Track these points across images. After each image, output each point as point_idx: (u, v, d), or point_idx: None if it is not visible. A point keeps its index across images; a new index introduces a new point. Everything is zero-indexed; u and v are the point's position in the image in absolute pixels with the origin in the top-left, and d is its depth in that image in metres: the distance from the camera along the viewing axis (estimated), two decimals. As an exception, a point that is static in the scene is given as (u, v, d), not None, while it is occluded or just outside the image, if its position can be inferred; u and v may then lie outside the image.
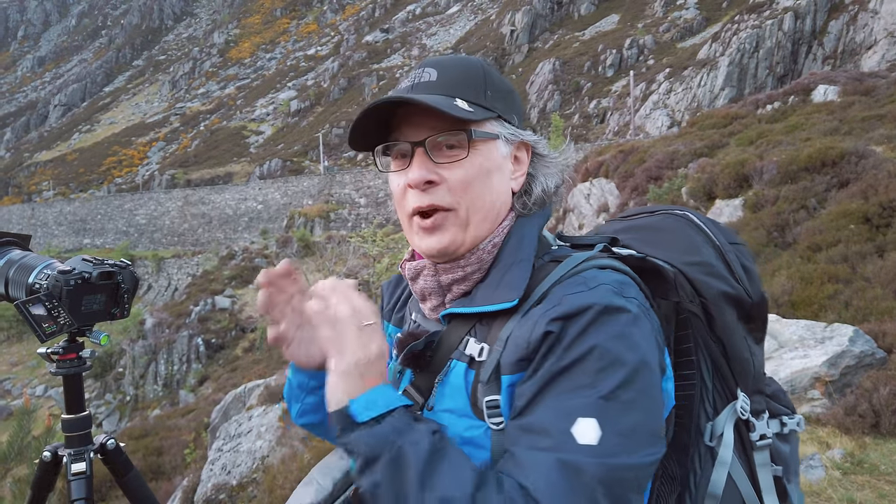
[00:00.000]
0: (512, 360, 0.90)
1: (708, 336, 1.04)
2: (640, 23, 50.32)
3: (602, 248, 1.04)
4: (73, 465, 1.70)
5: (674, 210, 1.19)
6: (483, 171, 1.00)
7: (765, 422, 1.07)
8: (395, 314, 1.22)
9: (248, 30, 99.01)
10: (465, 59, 1.06)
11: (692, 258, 1.07)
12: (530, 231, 1.03)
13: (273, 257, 30.10)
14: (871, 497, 3.46)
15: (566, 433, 0.81)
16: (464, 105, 0.97)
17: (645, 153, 14.76)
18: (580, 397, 0.83)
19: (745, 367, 1.07)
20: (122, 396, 24.91)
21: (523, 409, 0.86)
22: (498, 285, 0.97)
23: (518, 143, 1.05)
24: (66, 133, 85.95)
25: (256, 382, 10.55)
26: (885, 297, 6.10)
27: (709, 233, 1.13)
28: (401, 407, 0.86)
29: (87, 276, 1.68)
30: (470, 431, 0.92)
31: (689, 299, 1.02)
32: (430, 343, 1.00)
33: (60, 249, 50.10)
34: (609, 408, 0.82)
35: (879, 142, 10.36)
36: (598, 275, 0.93)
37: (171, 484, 9.84)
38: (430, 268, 1.03)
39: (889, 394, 4.13)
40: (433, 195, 0.98)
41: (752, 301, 1.09)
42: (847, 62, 28.38)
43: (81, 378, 1.77)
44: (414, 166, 0.99)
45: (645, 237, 1.13)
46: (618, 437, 0.81)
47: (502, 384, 0.90)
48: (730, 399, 1.05)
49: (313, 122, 63.43)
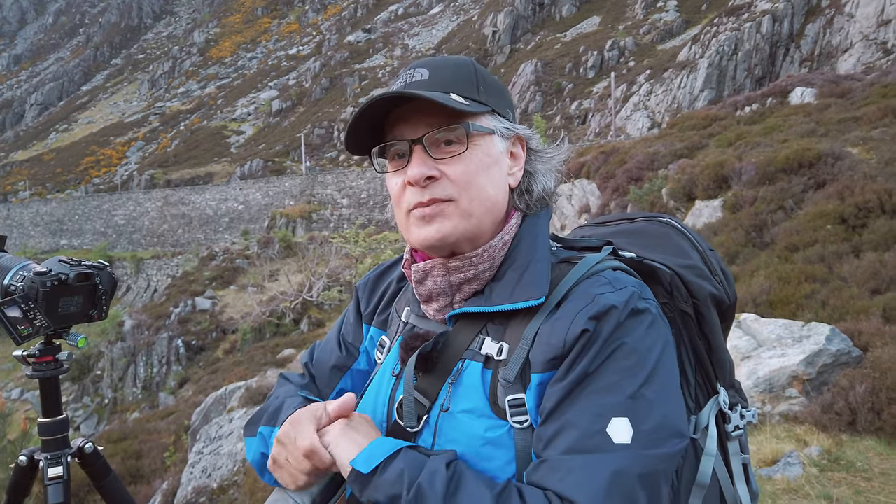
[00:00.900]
0: (544, 359, 0.91)
1: (696, 334, 1.07)
2: (621, 24, 50.70)
3: (611, 252, 1.07)
4: (50, 470, 1.68)
5: (656, 217, 1.23)
6: (483, 165, 1.00)
7: (738, 413, 1.12)
8: (377, 316, 1.19)
9: (229, 29, 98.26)
10: (454, 59, 1.06)
11: (685, 261, 1.11)
12: (542, 230, 1.04)
13: (254, 258, 29.90)
14: (847, 493, 3.51)
15: (601, 433, 0.84)
16: (459, 99, 0.97)
17: (626, 154, 14.87)
18: (610, 397, 0.86)
19: (724, 364, 1.12)
20: (101, 399, 24.59)
21: (553, 410, 0.88)
22: (517, 284, 0.97)
23: (514, 137, 1.05)
24: (42, 132, 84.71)
25: (237, 384, 10.47)
26: (861, 296, 6.20)
27: (692, 238, 1.17)
28: (404, 448, 0.89)
29: (64, 278, 1.66)
30: (491, 432, 0.92)
31: (684, 300, 1.06)
32: (436, 344, 0.99)
33: (37, 251, 49.33)
34: (638, 406, 0.86)
35: (855, 143, 10.53)
36: (620, 276, 0.97)
37: (150, 487, 9.74)
38: (441, 268, 1.01)
39: (865, 392, 4.20)
40: (433, 190, 0.98)
41: (729, 302, 1.14)
42: (823, 65, 28.81)
43: (58, 381, 1.75)
44: (413, 163, 0.98)
45: (637, 241, 1.15)
46: (648, 433, 0.85)
47: (531, 382, 0.92)
48: (710, 393, 1.09)
49: (295, 122, 63.11)
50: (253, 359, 19.45)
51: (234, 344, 23.95)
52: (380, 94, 0.96)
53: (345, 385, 1.19)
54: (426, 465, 0.86)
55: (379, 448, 0.89)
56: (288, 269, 27.56)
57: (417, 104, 0.97)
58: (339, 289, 23.44)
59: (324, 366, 1.21)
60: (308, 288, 24.30)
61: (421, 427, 0.98)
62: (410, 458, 0.88)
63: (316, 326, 23.57)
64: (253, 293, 26.53)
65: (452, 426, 0.95)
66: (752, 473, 1.15)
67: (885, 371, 4.24)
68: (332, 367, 1.20)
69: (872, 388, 4.20)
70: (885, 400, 4.14)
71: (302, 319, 24.12)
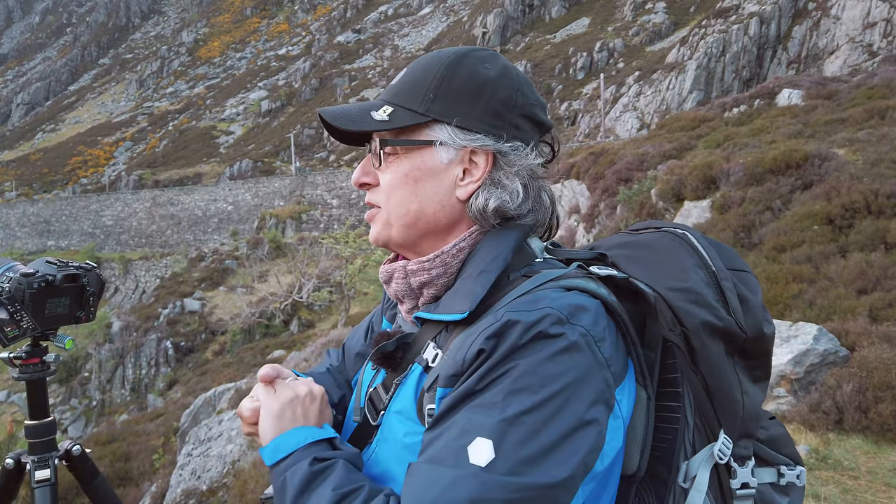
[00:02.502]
0: (447, 374, 0.88)
1: (690, 368, 0.94)
2: (610, 26, 50.90)
3: (578, 266, 0.98)
4: (37, 473, 1.67)
5: (674, 228, 1.08)
6: (408, 178, 1.00)
7: (749, 469, 0.98)
8: (389, 310, 1.22)
9: (218, 29, 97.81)
10: (434, 58, 1.02)
11: (677, 284, 0.96)
12: (504, 242, 0.97)
13: (244, 259, 29.77)
14: (835, 492, 3.54)
15: (462, 450, 0.78)
16: (380, 115, 0.99)
17: (615, 155, 14.93)
18: (484, 416, 0.80)
19: (731, 407, 0.96)
20: (89, 401, 24.40)
21: (435, 421, 0.85)
22: (458, 294, 0.96)
23: (465, 150, 0.98)
24: (29, 132, 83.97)
25: (227, 386, 10.42)
26: (848, 296, 6.26)
27: (705, 256, 1.01)
28: (304, 445, 0.94)
29: (51, 279, 1.65)
30: (409, 437, 0.92)
31: (669, 327, 0.93)
32: (402, 344, 1.00)
33: (23, 251, 48.91)
34: (509, 432, 0.78)
35: (842, 145, 10.62)
36: (549, 296, 0.87)
37: (139, 490, 9.68)
38: (401, 271, 1.03)
39: (852, 391, 4.23)
40: (370, 195, 1.05)
41: (746, 335, 0.96)
42: (810, 67, 29.04)
43: (45, 383, 1.73)
44: (359, 166, 1.06)
45: (635, 255, 1.03)
46: (511, 461, 0.76)
47: (437, 395, 0.89)
48: (710, 439, 0.95)
49: (284, 122, 62.90)
50: (242, 360, 19.38)
51: (224, 345, 23.85)
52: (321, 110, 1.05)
53: None
54: (299, 460, 0.92)
55: (284, 443, 0.95)
56: (277, 270, 27.46)
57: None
58: (328, 290, 23.37)
59: (351, 351, 1.28)
60: (298, 289, 24.22)
61: (380, 421, 1.00)
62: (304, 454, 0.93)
63: (306, 327, 23.51)
64: (242, 294, 26.42)
65: (388, 425, 0.97)
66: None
67: (871, 370, 4.28)
68: (356, 354, 1.27)
69: (859, 387, 4.24)
70: (871, 399, 4.18)
71: (292, 321, 24.05)
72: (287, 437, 0.96)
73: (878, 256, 6.87)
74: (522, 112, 1.00)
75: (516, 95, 1.00)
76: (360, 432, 1.04)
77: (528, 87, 1.02)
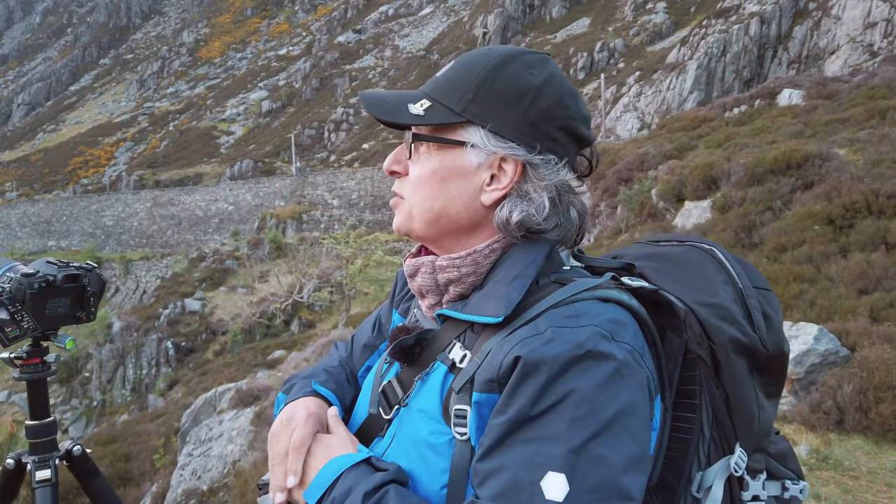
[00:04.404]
0: (482, 379, 0.88)
1: (713, 382, 0.96)
2: (611, 26, 50.90)
3: (612, 277, 0.98)
4: (38, 473, 1.67)
5: (701, 244, 1.10)
6: (435, 175, 0.99)
7: (761, 483, 1.00)
8: (402, 303, 1.22)
9: (219, 29, 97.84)
10: (481, 55, 1.00)
11: (707, 299, 0.99)
12: (536, 251, 0.97)
13: (244, 259, 29.77)
14: (835, 492, 3.54)
15: (535, 486, 0.78)
16: (416, 109, 0.99)
17: (616, 155, 14.93)
18: (552, 448, 0.79)
19: (749, 422, 0.98)
20: (89, 401, 24.41)
21: (491, 448, 0.83)
22: (491, 297, 0.94)
23: (497, 155, 0.96)
24: (29, 133, 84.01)
25: (227, 386, 10.41)
26: (849, 296, 6.25)
27: (732, 273, 1.04)
28: (345, 472, 0.92)
29: (52, 279, 1.65)
30: (434, 437, 0.92)
31: (697, 342, 0.95)
32: (421, 340, 0.99)
33: (24, 252, 48.91)
34: (579, 462, 0.78)
35: (842, 145, 10.62)
36: (592, 310, 0.88)
37: (139, 490, 9.68)
38: (429, 265, 1.02)
39: (853, 391, 4.23)
40: (397, 184, 1.05)
41: (768, 353, 0.99)
42: (811, 67, 29.03)
43: (46, 383, 1.73)
44: (392, 154, 1.06)
45: (663, 268, 1.05)
46: (586, 492, 0.77)
47: (472, 398, 0.89)
48: (726, 452, 0.97)
49: (285, 122, 62.92)
50: (243, 360, 19.38)
51: (224, 345, 23.86)
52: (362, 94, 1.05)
53: (372, 363, 1.24)
54: (351, 494, 0.89)
55: (322, 478, 0.94)
56: (278, 271, 27.47)
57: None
58: (329, 290, 23.37)
59: (359, 342, 1.28)
60: (298, 289, 24.22)
61: (392, 416, 1.00)
62: (349, 482, 0.91)
63: (306, 327, 23.51)
64: (243, 294, 26.44)
65: (407, 422, 0.97)
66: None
67: (872, 370, 4.28)
68: (364, 346, 1.26)
69: (860, 387, 4.24)
70: (872, 399, 4.18)
71: (292, 321, 24.06)
72: (323, 474, 0.95)
73: (878, 256, 6.86)
74: (562, 125, 0.97)
75: (557, 107, 0.97)
76: (371, 424, 1.05)
77: (572, 98, 0.99)
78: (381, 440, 1.01)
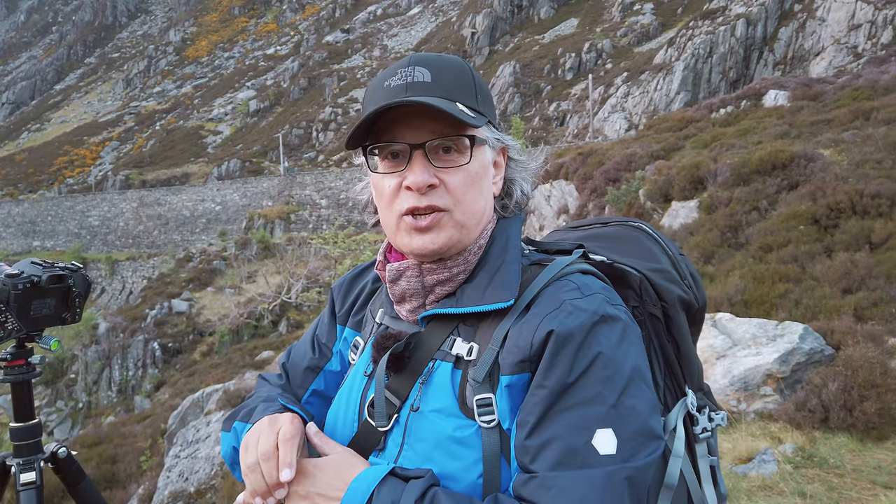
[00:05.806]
0: (512, 361, 0.92)
1: (665, 337, 1.08)
2: (599, 27, 51.11)
3: (581, 255, 1.07)
4: (23, 475, 1.65)
5: (628, 221, 1.24)
6: (477, 177, 1.01)
7: (706, 416, 1.13)
8: (352, 317, 1.20)
9: (206, 28, 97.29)
10: (453, 61, 1.03)
11: (654, 265, 1.12)
12: (514, 233, 1.06)
13: (232, 259, 29.62)
14: (820, 490, 3.57)
15: (588, 446, 0.86)
16: (465, 109, 0.97)
17: (603, 155, 14.99)
18: (594, 408, 0.87)
19: (693, 366, 1.12)
20: (75, 403, 24.19)
21: (537, 422, 0.88)
22: (488, 286, 0.98)
23: (500, 148, 1.07)
24: (14, 132, 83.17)
25: (215, 387, 10.37)
26: (833, 295, 6.32)
27: (663, 243, 1.19)
28: (377, 487, 0.89)
29: (37, 280, 1.63)
30: (460, 431, 0.93)
31: (653, 303, 1.07)
32: (408, 344, 1.00)
33: (8, 252, 48.42)
34: (619, 415, 0.87)
35: (827, 145, 10.71)
36: (588, 281, 0.98)
37: (126, 492, 9.62)
38: (415, 269, 1.02)
39: (837, 389, 4.27)
40: (431, 197, 0.97)
41: (698, 306, 1.15)
42: (796, 68, 29.29)
43: (31, 385, 1.72)
44: (416, 169, 0.97)
45: (609, 245, 1.17)
46: (630, 440, 0.86)
47: (500, 384, 0.92)
48: (679, 396, 1.10)
49: (273, 122, 62.67)
50: (231, 361, 19.28)
51: (212, 346, 23.73)
52: (397, 101, 0.94)
53: (318, 386, 1.20)
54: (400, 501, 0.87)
55: (354, 492, 0.89)
56: (266, 271, 27.36)
57: (427, 109, 0.95)
58: (317, 290, 23.31)
59: (298, 367, 1.23)
60: (286, 289, 24.14)
61: (391, 426, 0.98)
62: (389, 495, 0.87)
63: (294, 328, 23.42)
64: (230, 295, 26.31)
65: (422, 425, 0.96)
66: (720, 475, 1.16)
67: (856, 369, 4.32)
68: (305, 369, 1.22)
69: (844, 385, 4.28)
70: (856, 397, 4.22)
71: (280, 321, 23.97)
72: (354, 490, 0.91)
73: (862, 256, 6.93)
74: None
75: None
76: (366, 437, 1.01)
77: None
78: (384, 451, 0.99)
